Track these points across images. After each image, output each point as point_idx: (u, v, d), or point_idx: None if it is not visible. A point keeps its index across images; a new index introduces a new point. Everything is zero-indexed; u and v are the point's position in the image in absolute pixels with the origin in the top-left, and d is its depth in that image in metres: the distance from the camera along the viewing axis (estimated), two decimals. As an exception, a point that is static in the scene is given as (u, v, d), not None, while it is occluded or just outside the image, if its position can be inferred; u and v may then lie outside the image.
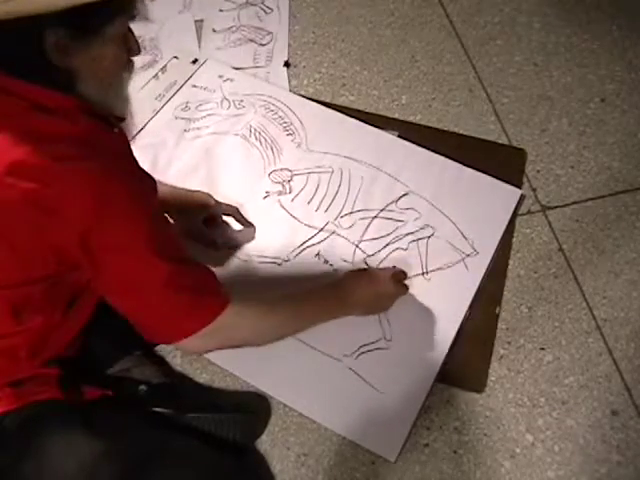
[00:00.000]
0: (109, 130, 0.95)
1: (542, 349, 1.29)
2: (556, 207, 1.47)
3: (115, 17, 0.85)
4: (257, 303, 1.07)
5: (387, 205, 1.42)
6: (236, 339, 1.07)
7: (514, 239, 1.41)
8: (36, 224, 0.84)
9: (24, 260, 0.89)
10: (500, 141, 1.58)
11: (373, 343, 1.24)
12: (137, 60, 0.96)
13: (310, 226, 1.40)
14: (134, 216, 0.89)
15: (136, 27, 0.92)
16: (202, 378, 1.27)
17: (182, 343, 0.98)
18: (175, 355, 1.29)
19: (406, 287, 1.29)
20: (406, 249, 1.35)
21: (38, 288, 0.92)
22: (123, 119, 0.99)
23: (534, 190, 1.50)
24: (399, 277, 1.29)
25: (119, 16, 0.86)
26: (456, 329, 1.26)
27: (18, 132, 0.82)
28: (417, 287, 1.30)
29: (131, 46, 0.91)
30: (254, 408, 1.21)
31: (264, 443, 1.20)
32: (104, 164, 0.85)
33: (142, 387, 1.14)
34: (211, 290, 1.00)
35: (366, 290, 1.23)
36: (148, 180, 0.96)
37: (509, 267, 1.38)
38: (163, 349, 1.29)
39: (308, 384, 1.20)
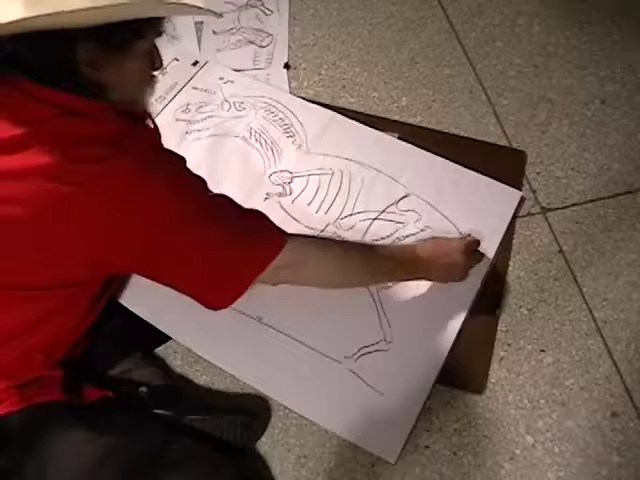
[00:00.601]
0: (139, 124, 0.96)
1: (542, 351, 1.29)
2: (556, 209, 1.47)
3: (144, 33, 0.87)
4: (328, 246, 1.13)
5: (387, 207, 1.42)
6: (301, 275, 1.11)
7: (514, 241, 1.41)
8: (71, 227, 0.86)
9: (59, 263, 0.90)
10: (500, 143, 1.58)
11: (373, 345, 1.24)
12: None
13: (311, 228, 1.40)
14: (175, 201, 0.91)
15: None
16: (202, 380, 1.27)
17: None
18: (175, 357, 1.29)
19: (480, 255, 1.30)
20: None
21: (68, 292, 0.94)
22: (149, 113, 1.01)
23: (534, 192, 1.50)
24: (472, 247, 1.28)
25: (149, 33, 0.88)
26: (456, 331, 1.26)
27: (51, 137, 0.84)
28: (417, 289, 1.30)
29: (155, 60, 0.94)
30: (254, 410, 1.21)
31: (264, 445, 1.20)
32: (137, 159, 0.87)
33: (142, 389, 1.14)
34: (267, 231, 1.04)
35: (439, 259, 1.23)
36: (179, 160, 0.97)
37: (509, 269, 1.38)
38: (163, 351, 1.29)
39: (308, 386, 1.20)
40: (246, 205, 1.38)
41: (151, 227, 0.90)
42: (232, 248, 0.98)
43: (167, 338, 1.23)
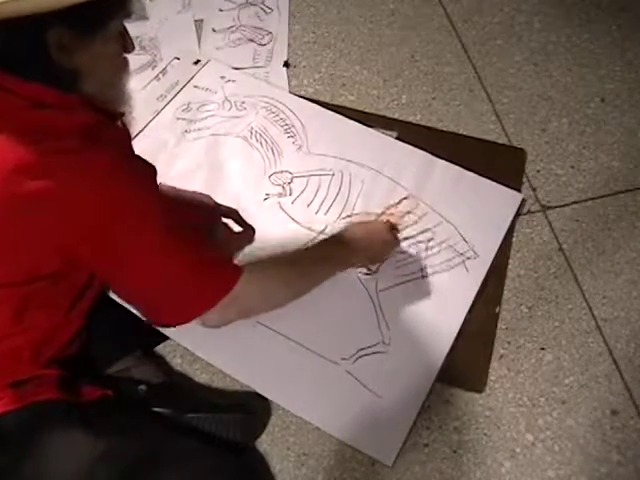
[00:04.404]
0: (112, 123, 0.95)
1: (542, 349, 1.29)
2: (556, 207, 1.47)
3: (115, 14, 0.87)
4: (265, 267, 1.07)
5: (387, 208, 1.42)
6: (253, 306, 1.06)
7: (514, 239, 1.41)
8: (42, 221, 0.85)
9: (29, 258, 0.89)
10: (500, 141, 1.58)
11: (371, 347, 1.23)
12: (137, 60, 0.97)
13: (310, 229, 1.39)
14: (143, 201, 0.89)
15: (136, 27, 0.93)
16: (202, 378, 1.27)
17: (202, 317, 0.97)
18: (175, 355, 1.29)
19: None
20: (406, 252, 1.35)
21: (42, 286, 0.93)
22: (123, 114, 0.99)
23: (534, 190, 1.50)
24: (393, 227, 1.31)
25: (118, 13, 0.87)
26: (455, 334, 1.25)
27: (21, 130, 0.83)
28: (417, 290, 1.30)
29: (126, 43, 0.93)
30: (254, 408, 1.21)
31: (264, 443, 1.20)
32: (109, 153, 0.85)
33: (142, 387, 1.14)
34: (224, 262, 1.01)
35: (367, 238, 1.23)
36: (150, 168, 0.95)
37: (509, 267, 1.38)
38: (162, 349, 1.29)
39: (306, 387, 1.19)
40: (246, 205, 1.40)
41: (116, 226, 0.87)
42: (190, 269, 0.93)
43: (166, 336, 1.23)
